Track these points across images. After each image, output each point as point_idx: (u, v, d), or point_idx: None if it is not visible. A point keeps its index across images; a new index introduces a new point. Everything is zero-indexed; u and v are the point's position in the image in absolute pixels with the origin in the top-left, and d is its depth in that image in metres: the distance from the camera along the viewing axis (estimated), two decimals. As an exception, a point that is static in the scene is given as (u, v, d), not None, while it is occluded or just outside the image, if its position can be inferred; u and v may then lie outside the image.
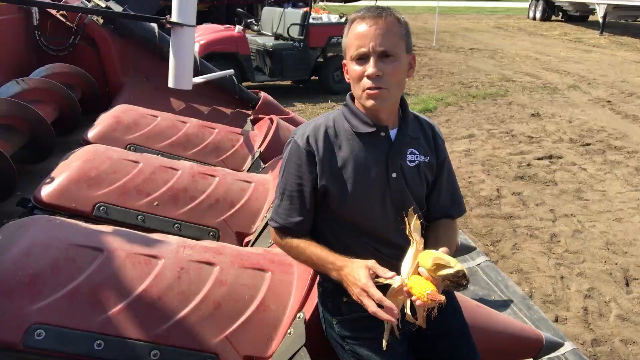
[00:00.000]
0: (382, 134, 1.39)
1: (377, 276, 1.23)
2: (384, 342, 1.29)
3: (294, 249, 1.43)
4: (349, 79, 1.38)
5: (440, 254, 1.22)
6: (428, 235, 1.44)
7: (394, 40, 1.30)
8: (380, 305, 1.19)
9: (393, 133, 1.41)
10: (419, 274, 1.22)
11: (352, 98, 1.43)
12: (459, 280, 1.17)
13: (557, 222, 4.28)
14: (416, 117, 1.51)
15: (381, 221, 1.40)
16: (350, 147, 1.38)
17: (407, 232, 1.30)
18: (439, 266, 1.19)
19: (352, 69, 1.34)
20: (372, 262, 1.25)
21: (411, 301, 1.21)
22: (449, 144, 6.19)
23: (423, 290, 1.17)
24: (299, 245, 1.41)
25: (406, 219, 1.31)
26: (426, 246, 1.31)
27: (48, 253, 1.48)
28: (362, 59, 1.31)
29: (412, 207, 1.35)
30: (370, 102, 1.33)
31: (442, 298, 1.16)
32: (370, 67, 1.29)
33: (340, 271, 1.29)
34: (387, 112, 1.39)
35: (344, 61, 1.39)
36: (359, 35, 1.31)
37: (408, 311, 1.24)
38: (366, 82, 1.31)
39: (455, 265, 1.18)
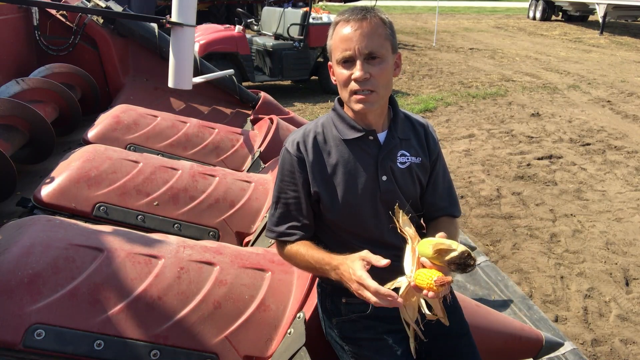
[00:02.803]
0: (371, 137, 1.38)
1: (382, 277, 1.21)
2: (412, 348, 1.27)
3: (294, 256, 1.41)
4: (335, 81, 1.36)
5: (438, 239, 1.18)
6: (429, 234, 1.42)
7: (379, 41, 1.29)
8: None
9: (382, 136, 1.40)
10: (423, 266, 1.19)
11: (341, 102, 1.42)
12: (466, 261, 1.12)
13: (557, 222, 4.28)
14: (407, 117, 1.49)
15: (374, 224, 1.39)
16: (340, 153, 1.38)
17: (399, 230, 1.28)
18: (442, 252, 1.14)
19: (338, 72, 1.32)
20: (365, 252, 1.22)
21: (425, 298, 1.18)
22: (448, 144, 6.19)
23: (429, 279, 1.13)
24: (298, 251, 1.39)
25: (394, 217, 1.30)
26: None
27: (48, 253, 1.48)
28: (348, 62, 1.30)
29: (397, 204, 1.33)
30: (359, 106, 1.32)
31: (450, 278, 1.12)
32: (357, 70, 1.28)
33: (337, 270, 1.28)
34: (376, 114, 1.38)
35: (330, 63, 1.37)
36: (343, 38, 1.29)
37: (426, 310, 1.22)
38: (354, 85, 1.30)
39: (458, 246, 1.14)
